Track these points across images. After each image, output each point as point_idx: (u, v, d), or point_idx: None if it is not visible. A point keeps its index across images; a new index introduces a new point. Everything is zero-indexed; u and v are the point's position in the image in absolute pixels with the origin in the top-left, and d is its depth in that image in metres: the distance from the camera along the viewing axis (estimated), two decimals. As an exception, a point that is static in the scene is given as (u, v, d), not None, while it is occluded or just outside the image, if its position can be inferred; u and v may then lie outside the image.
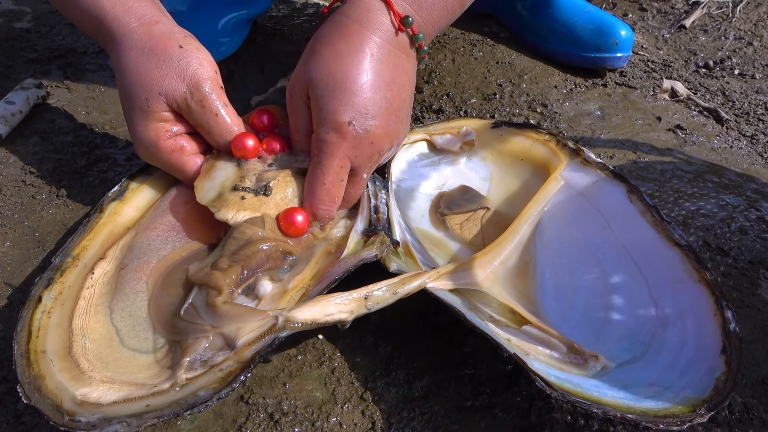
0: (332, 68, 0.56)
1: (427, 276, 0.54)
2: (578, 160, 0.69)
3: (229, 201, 0.58)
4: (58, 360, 0.48)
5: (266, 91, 0.94)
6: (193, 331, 0.50)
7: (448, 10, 0.62)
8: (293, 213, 0.57)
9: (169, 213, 0.61)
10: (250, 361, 0.47)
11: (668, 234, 0.61)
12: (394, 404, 0.53)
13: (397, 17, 0.57)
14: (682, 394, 0.49)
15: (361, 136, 0.56)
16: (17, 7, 1.10)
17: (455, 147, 0.75)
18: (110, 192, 0.63)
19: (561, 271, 0.63)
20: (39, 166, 0.73)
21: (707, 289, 0.56)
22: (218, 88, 0.61)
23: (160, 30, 0.60)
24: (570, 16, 1.01)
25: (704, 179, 0.81)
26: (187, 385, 0.46)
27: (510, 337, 0.53)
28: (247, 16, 0.97)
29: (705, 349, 0.52)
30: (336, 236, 0.60)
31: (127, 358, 0.51)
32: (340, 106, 0.55)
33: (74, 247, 0.57)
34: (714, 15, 1.29)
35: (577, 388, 0.49)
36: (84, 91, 0.89)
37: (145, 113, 0.59)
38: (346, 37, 0.57)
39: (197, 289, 0.53)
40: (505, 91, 0.96)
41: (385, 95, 0.57)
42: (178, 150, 0.61)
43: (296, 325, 0.48)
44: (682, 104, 0.99)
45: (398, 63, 0.59)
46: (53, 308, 0.52)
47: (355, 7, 0.58)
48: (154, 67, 0.58)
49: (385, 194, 0.64)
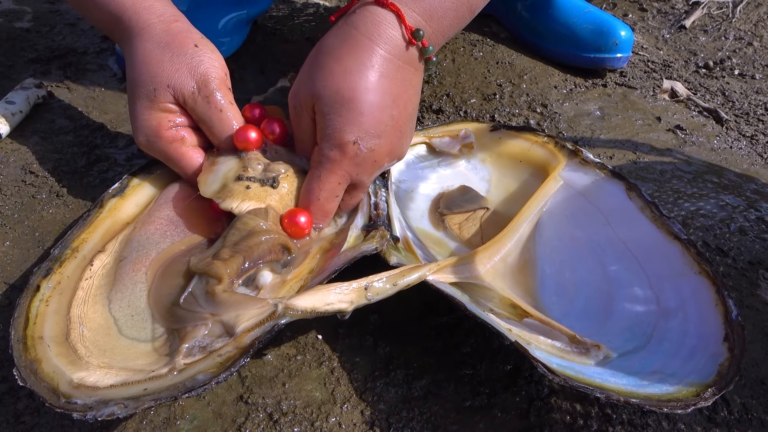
0: (340, 85, 0.54)
1: (427, 268, 0.53)
2: (577, 161, 0.70)
3: (234, 191, 0.58)
4: (55, 345, 0.48)
5: (266, 91, 0.94)
6: (192, 319, 0.50)
7: (458, 19, 0.60)
8: (297, 214, 0.57)
9: (168, 208, 0.61)
10: (249, 347, 0.46)
11: (668, 228, 0.61)
12: (393, 404, 0.53)
13: (408, 31, 0.55)
14: (686, 380, 0.49)
15: (364, 155, 0.56)
16: (17, 6, 1.10)
17: (454, 150, 0.75)
18: (111, 188, 0.63)
19: (561, 268, 0.63)
20: (39, 165, 0.74)
21: (708, 280, 0.56)
22: (226, 87, 0.62)
23: (179, 28, 0.62)
24: (570, 16, 1.01)
25: (704, 179, 0.81)
26: (186, 370, 0.46)
27: (511, 327, 0.53)
28: (247, 16, 0.97)
29: (707, 337, 0.53)
30: (332, 233, 0.60)
31: (126, 346, 0.51)
32: (346, 125, 0.54)
33: (73, 240, 0.58)
34: (714, 15, 1.29)
35: (579, 374, 0.49)
36: (84, 91, 0.89)
37: (150, 102, 0.60)
38: (354, 53, 0.55)
39: (197, 278, 0.53)
40: (504, 91, 0.96)
41: (391, 114, 0.56)
42: (179, 140, 0.61)
43: (296, 312, 0.48)
44: (682, 104, 0.99)
45: (406, 78, 0.58)
46: (51, 297, 0.52)
47: (365, 20, 0.55)
48: (167, 60, 0.60)
49: (385, 192, 0.64)
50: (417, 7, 0.56)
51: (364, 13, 0.56)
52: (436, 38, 0.59)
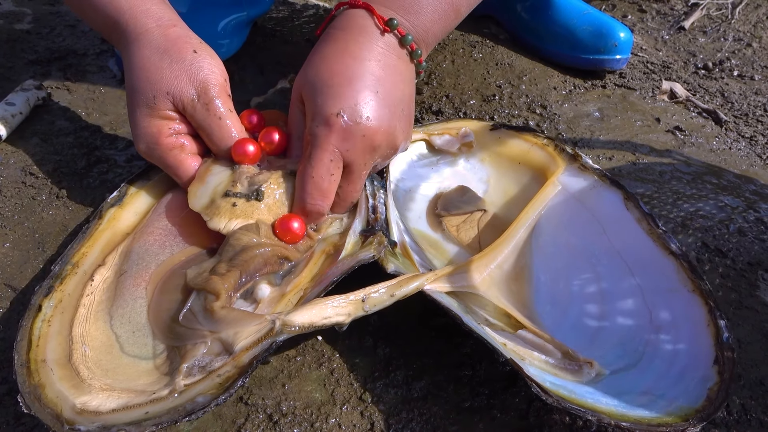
0: (319, 68, 0.58)
1: (424, 278, 0.54)
2: (576, 166, 0.70)
3: (221, 209, 0.58)
4: (58, 368, 0.49)
5: (266, 93, 0.94)
6: (191, 337, 0.50)
7: (439, 14, 0.63)
8: (289, 220, 0.58)
9: (166, 218, 0.61)
10: (247, 366, 0.47)
11: (664, 243, 0.61)
12: (392, 405, 0.53)
13: (380, 20, 0.59)
14: (675, 403, 0.50)
15: (351, 127, 0.56)
16: (18, 8, 1.10)
17: (454, 148, 0.75)
18: (109, 197, 0.63)
19: (556, 276, 0.63)
20: (39, 167, 0.74)
21: (701, 298, 0.56)
22: (225, 94, 0.62)
23: (177, 33, 0.62)
24: (569, 17, 1.01)
25: (703, 180, 0.81)
26: (186, 392, 0.46)
27: (506, 341, 0.54)
28: (247, 17, 0.98)
29: (698, 358, 0.53)
30: (333, 237, 0.60)
31: (127, 364, 0.51)
32: (327, 99, 0.56)
33: (74, 255, 0.57)
34: (713, 16, 1.29)
35: (571, 394, 0.49)
36: (84, 93, 0.89)
37: (150, 109, 0.60)
38: (332, 43, 0.59)
39: (195, 294, 0.53)
40: (504, 92, 0.96)
41: (375, 89, 0.58)
42: (178, 147, 0.61)
43: (293, 328, 0.48)
44: (681, 105, 0.99)
45: (389, 63, 0.60)
46: (53, 316, 0.52)
47: (341, 19, 0.61)
48: (166, 67, 0.59)
49: (383, 194, 0.63)
50: (391, 3, 0.61)
51: (341, 16, 0.61)
52: (417, 31, 0.62)
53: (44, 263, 0.63)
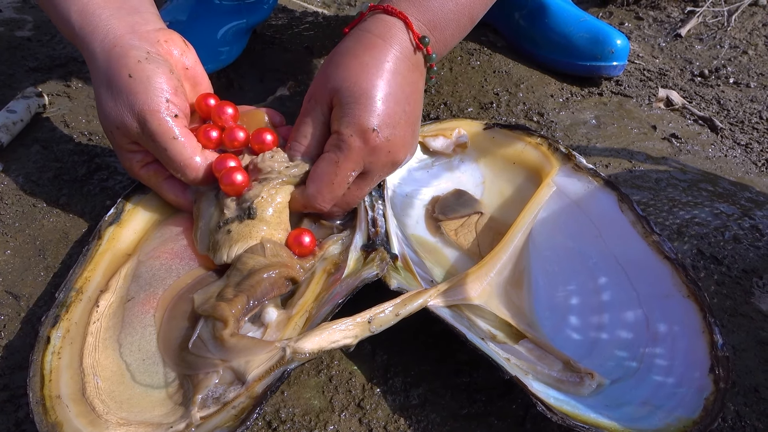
0: (359, 77, 0.57)
1: (428, 294, 0.54)
2: (570, 165, 0.70)
3: (219, 241, 0.58)
4: (73, 404, 0.48)
5: (265, 100, 0.95)
6: (203, 366, 0.50)
7: (460, 29, 0.64)
8: (301, 235, 0.58)
9: (171, 240, 0.61)
10: (262, 397, 0.47)
11: (658, 247, 0.61)
12: (391, 412, 0.53)
13: (416, 36, 0.59)
14: (674, 414, 0.50)
15: (381, 144, 0.57)
16: (18, 15, 1.11)
17: (448, 150, 0.76)
18: (107, 216, 0.63)
19: (554, 281, 0.63)
20: (40, 174, 0.74)
21: (696, 304, 0.57)
22: (167, 118, 0.57)
23: (117, 55, 0.58)
24: (566, 25, 1.02)
25: (699, 188, 0.82)
26: (202, 425, 0.46)
27: (509, 356, 0.54)
28: (246, 25, 0.98)
29: (694, 367, 0.53)
30: (334, 253, 0.60)
31: (140, 394, 0.51)
32: (365, 113, 0.56)
33: (76, 280, 0.57)
34: (709, 24, 1.30)
35: (575, 410, 0.50)
36: (85, 100, 0.89)
37: (115, 145, 0.61)
38: (370, 50, 0.58)
39: (203, 321, 0.53)
40: (501, 99, 0.96)
41: (404, 108, 0.59)
42: (152, 175, 0.62)
43: (304, 355, 0.48)
44: (677, 113, 1.00)
45: (414, 79, 0.61)
46: (62, 348, 0.52)
47: (377, 25, 0.60)
48: (111, 103, 0.58)
49: (382, 204, 0.64)
50: (422, 17, 0.60)
51: (375, 20, 0.60)
52: (438, 47, 0.63)
53: (45, 270, 0.63)
